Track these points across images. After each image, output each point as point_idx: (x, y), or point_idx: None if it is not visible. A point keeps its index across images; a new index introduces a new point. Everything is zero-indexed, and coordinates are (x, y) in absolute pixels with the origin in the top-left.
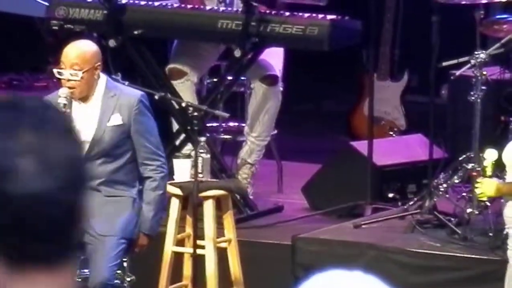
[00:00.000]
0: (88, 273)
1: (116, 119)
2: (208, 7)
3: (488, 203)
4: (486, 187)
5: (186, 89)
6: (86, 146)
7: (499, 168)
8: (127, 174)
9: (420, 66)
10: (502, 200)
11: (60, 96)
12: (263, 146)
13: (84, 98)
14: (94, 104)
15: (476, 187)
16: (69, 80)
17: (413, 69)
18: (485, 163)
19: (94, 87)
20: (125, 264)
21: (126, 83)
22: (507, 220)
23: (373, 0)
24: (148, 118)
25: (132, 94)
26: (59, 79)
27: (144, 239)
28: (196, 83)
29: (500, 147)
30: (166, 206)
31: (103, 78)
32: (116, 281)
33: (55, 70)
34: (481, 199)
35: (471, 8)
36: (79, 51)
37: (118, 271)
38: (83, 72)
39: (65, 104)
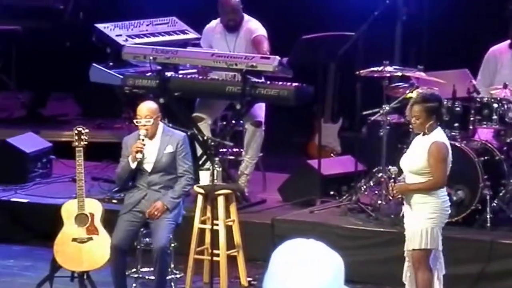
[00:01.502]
0: (151, 241)
1: (169, 149)
2: (215, 77)
3: (390, 197)
4: (399, 189)
5: (205, 128)
6: (151, 166)
7: (399, 174)
8: (175, 182)
9: (350, 114)
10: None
11: (141, 135)
12: (254, 163)
13: (151, 137)
14: (156, 140)
15: (392, 190)
16: (144, 125)
17: (346, 116)
18: (392, 174)
19: (157, 129)
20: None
21: (170, 125)
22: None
23: (320, 74)
24: (187, 149)
25: (178, 134)
26: (135, 125)
27: (160, 206)
28: (211, 124)
29: (397, 164)
30: (181, 197)
31: (161, 124)
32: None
33: (135, 121)
34: (397, 197)
35: (380, 78)
36: (149, 107)
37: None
38: (153, 120)
39: (143, 140)
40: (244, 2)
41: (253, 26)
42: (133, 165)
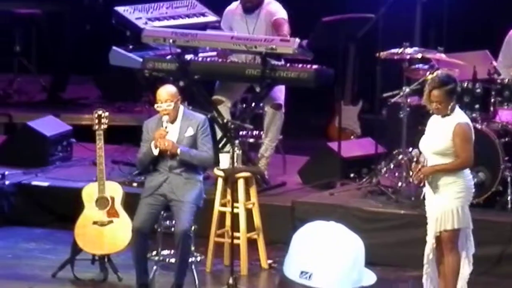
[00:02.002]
0: (173, 224)
1: (190, 132)
2: (234, 59)
3: (410, 179)
4: (426, 171)
5: (224, 111)
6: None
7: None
8: (197, 166)
9: (369, 96)
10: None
11: (163, 121)
12: (274, 146)
13: (172, 120)
14: (177, 123)
15: (418, 173)
16: (165, 109)
17: (365, 98)
18: (414, 156)
19: (178, 113)
20: None
21: (190, 107)
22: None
23: (340, 56)
24: (207, 131)
25: (199, 117)
26: (156, 110)
27: (174, 146)
28: (231, 107)
29: (418, 146)
30: (194, 158)
31: (181, 107)
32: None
33: (155, 106)
34: (423, 180)
35: (400, 60)
36: (169, 91)
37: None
38: (173, 103)
39: (166, 127)
40: None
41: (274, 8)
42: (156, 152)
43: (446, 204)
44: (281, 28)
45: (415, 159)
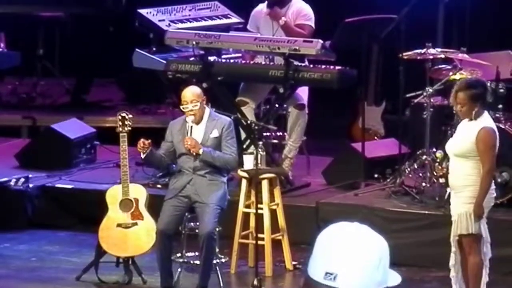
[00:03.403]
0: (197, 226)
1: (215, 133)
2: (258, 60)
3: (434, 179)
4: (477, 212)
5: (248, 112)
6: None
7: (444, 158)
8: (220, 168)
9: (393, 97)
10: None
11: (188, 122)
12: (297, 147)
13: (198, 121)
14: (202, 124)
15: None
16: (191, 110)
17: (389, 98)
18: (437, 158)
19: (203, 113)
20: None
21: (213, 109)
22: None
23: (363, 57)
24: (232, 133)
25: (224, 119)
26: (182, 111)
27: (196, 145)
28: (255, 108)
29: (442, 146)
30: (217, 161)
31: (207, 109)
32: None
33: (181, 107)
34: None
35: (423, 61)
36: (194, 91)
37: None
38: (199, 104)
39: (191, 125)
40: None
41: (301, 11)
42: (142, 156)
43: (460, 207)
44: (303, 33)
45: (438, 161)
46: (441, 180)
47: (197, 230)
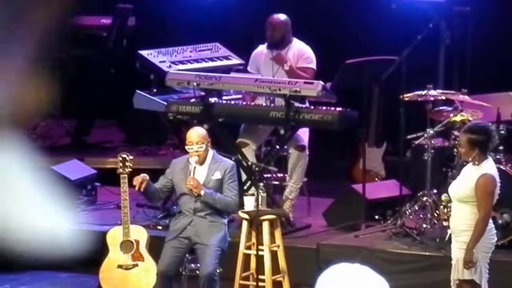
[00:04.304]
0: (198, 267)
1: (217, 175)
2: (258, 102)
3: (435, 221)
4: (469, 259)
5: (249, 154)
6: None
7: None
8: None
9: (393, 138)
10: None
11: (191, 163)
12: (298, 188)
13: (201, 162)
14: (205, 166)
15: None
16: (197, 151)
17: (389, 140)
18: (443, 201)
19: (207, 155)
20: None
21: (215, 151)
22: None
23: (364, 98)
24: (234, 177)
25: (227, 162)
26: (186, 151)
27: (198, 186)
28: (256, 150)
29: (442, 188)
30: (218, 202)
31: (211, 151)
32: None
33: (186, 147)
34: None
35: (424, 102)
36: (200, 133)
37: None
38: (205, 145)
39: (195, 166)
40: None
41: (303, 53)
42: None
43: (457, 252)
44: (306, 77)
45: (443, 204)
46: (445, 223)
47: (197, 272)
